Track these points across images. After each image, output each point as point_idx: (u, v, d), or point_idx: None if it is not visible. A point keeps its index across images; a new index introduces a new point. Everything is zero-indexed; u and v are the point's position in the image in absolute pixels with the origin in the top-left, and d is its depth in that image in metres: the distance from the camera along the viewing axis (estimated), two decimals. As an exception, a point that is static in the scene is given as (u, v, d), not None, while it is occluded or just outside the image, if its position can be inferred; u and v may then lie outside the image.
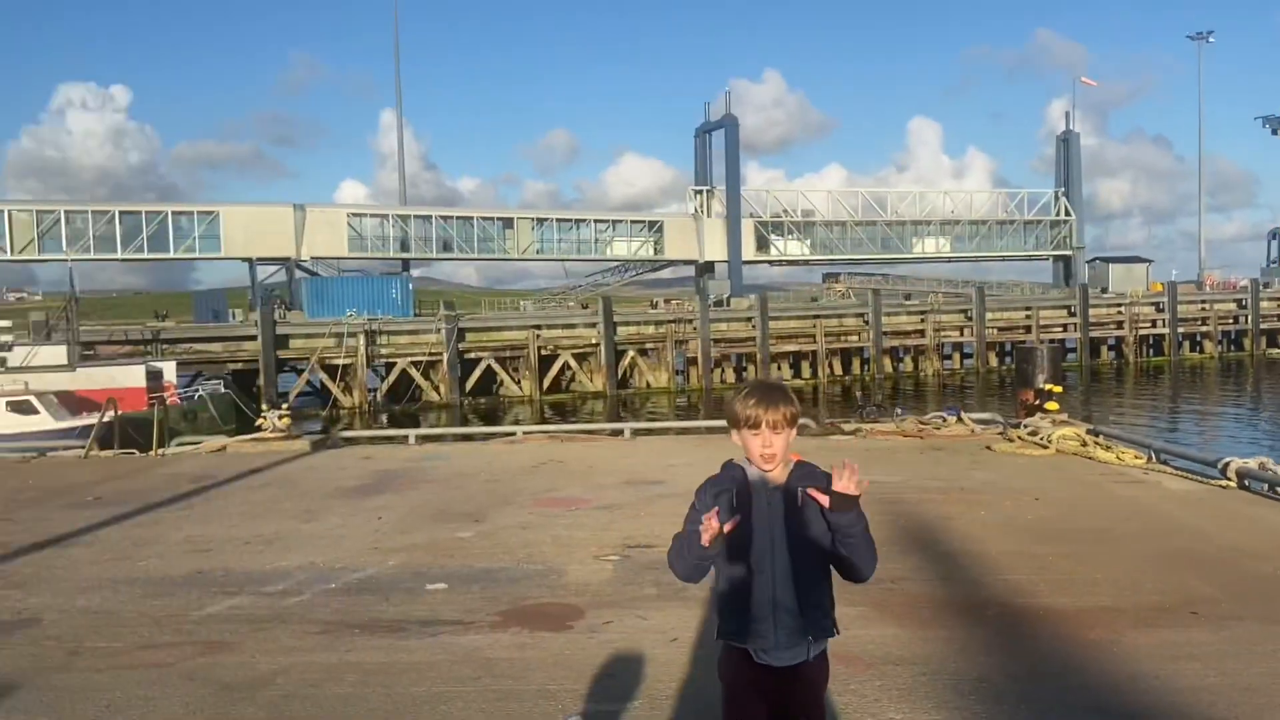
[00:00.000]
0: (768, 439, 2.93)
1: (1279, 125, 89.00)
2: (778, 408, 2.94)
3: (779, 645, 2.95)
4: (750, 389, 3.05)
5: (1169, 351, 61.77)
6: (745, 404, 2.96)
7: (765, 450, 2.94)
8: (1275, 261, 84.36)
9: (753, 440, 2.96)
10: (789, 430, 2.96)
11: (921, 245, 76.43)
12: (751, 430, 2.95)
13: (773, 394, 2.99)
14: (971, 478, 10.46)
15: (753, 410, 2.94)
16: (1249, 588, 6.25)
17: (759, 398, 2.96)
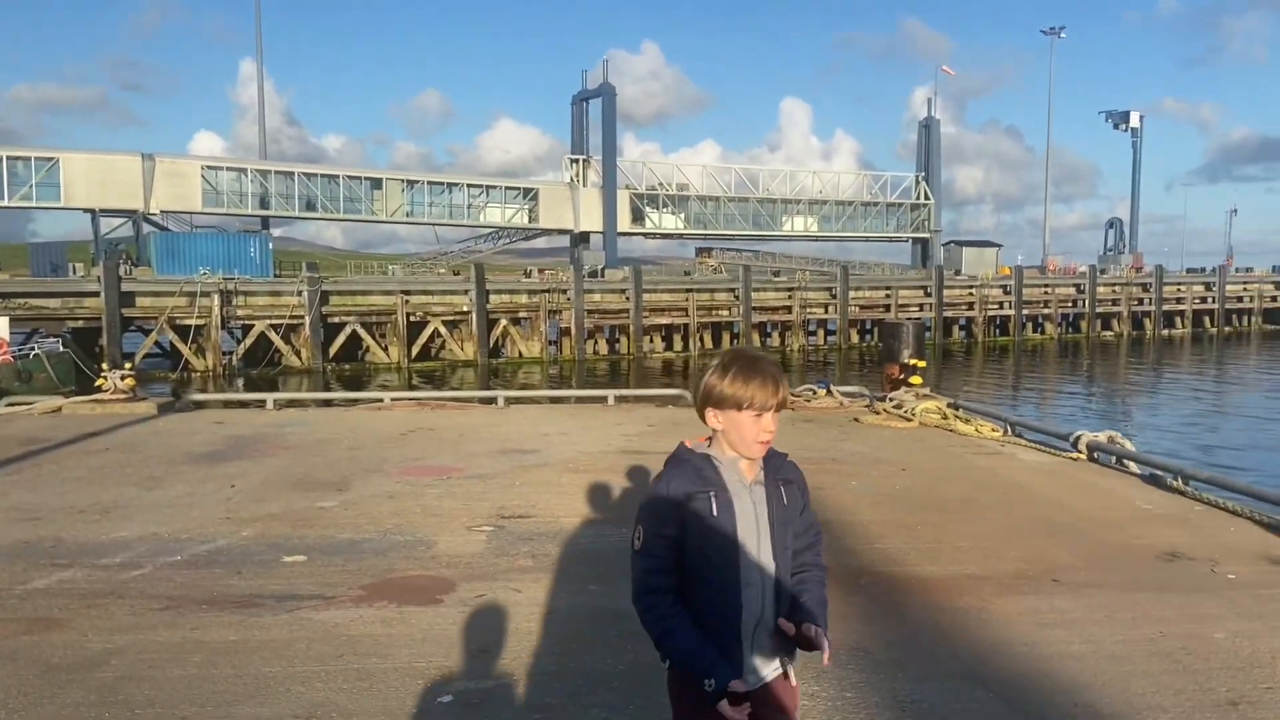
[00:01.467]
0: (769, 424, 2.53)
1: (1121, 120, 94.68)
2: (780, 385, 2.54)
3: (750, 668, 2.55)
4: (741, 364, 2.56)
5: (1014, 332, 65.01)
6: (743, 383, 2.52)
7: (768, 436, 2.54)
8: (1112, 249, 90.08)
9: (749, 425, 2.52)
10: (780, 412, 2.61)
11: (790, 224, 78.17)
12: (751, 413, 2.52)
13: (771, 370, 2.56)
14: (842, 449, 10.62)
15: (753, 391, 2.50)
16: (1105, 556, 6.49)
17: (762, 376, 2.53)
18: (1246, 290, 75.37)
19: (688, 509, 2.51)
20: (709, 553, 2.50)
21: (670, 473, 2.60)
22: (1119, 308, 69.26)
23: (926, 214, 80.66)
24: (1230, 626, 5.14)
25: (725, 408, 2.55)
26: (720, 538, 2.50)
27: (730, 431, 2.56)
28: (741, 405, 2.52)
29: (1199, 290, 73.56)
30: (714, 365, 2.61)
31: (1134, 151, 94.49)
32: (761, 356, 2.65)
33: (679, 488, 2.54)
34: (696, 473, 2.56)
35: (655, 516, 2.54)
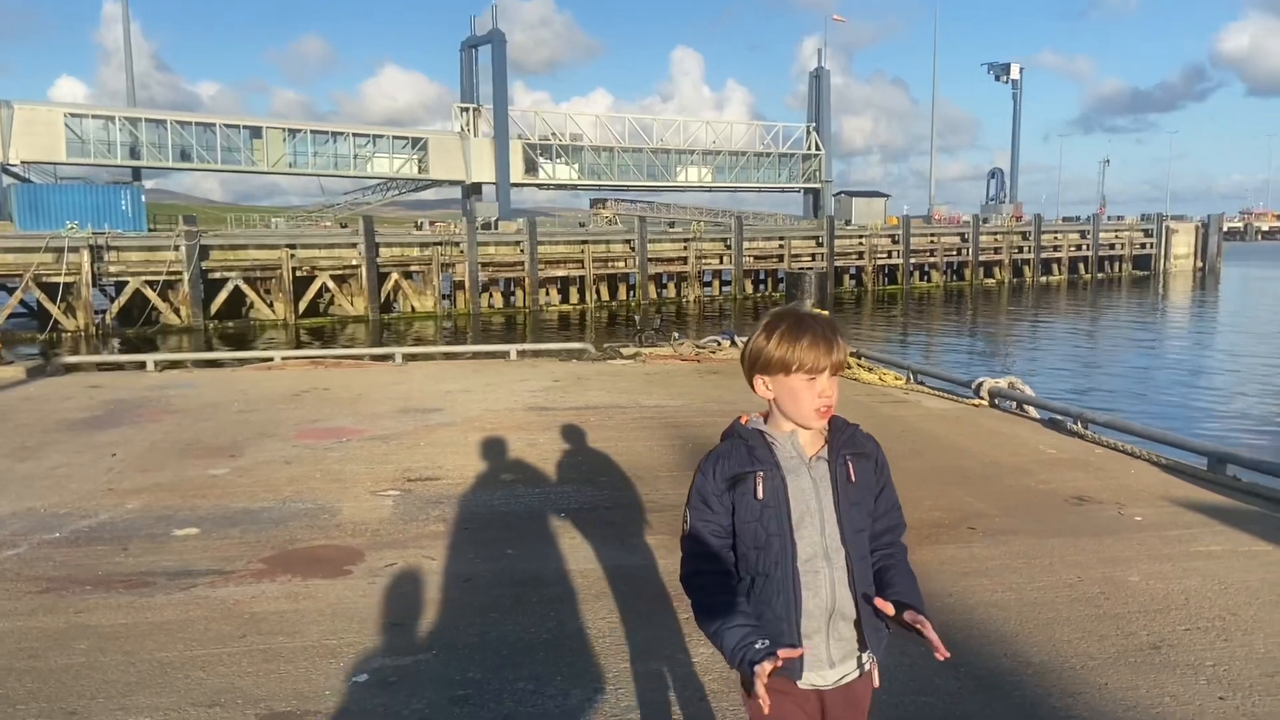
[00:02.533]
0: (826, 388, 2.24)
1: (1002, 71, 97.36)
2: (834, 344, 2.23)
3: (830, 662, 2.28)
4: (789, 323, 2.27)
5: (902, 280, 66.68)
6: (791, 343, 2.22)
7: (825, 402, 2.23)
8: (993, 199, 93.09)
9: (806, 390, 2.22)
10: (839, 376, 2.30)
11: (684, 174, 78.16)
12: (806, 376, 2.22)
13: (823, 327, 2.26)
14: (750, 400, 10.57)
15: (804, 351, 2.21)
16: (1015, 501, 6.59)
17: (812, 334, 2.23)
18: (1118, 238, 78.93)
19: (736, 493, 2.26)
20: (762, 540, 2.24)
21: (718, 452, 2.33)
22: (1000, 256, 71.65)
23: (817, 164, 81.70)
24: (1143, 569, 5.25)
25: (774, 372, 2.26)
26: (771, 522, 2.23)
27: (783, 400, 2.27)
28: (791, 368, 2.23)
29: (1074, 238, 76.63)
30: (759, 327, 2.34)
31: (1014, 103, 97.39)
32: (811, 314, 2.33)
33: (726, 469, 2.28)
34: (748, 451, 2.27)
35: (701, 503, 2.30)
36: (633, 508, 6.48)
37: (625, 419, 9.56)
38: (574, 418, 9.60)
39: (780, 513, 2.22)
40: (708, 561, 2.28)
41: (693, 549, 2.31)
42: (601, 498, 6.72)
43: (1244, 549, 5.62)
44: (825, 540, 2.24)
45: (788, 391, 2.25)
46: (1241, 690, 3.85)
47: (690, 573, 2.30)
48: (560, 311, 52.71)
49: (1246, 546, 5.67)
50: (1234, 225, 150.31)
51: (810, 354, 2.21)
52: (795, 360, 2.22)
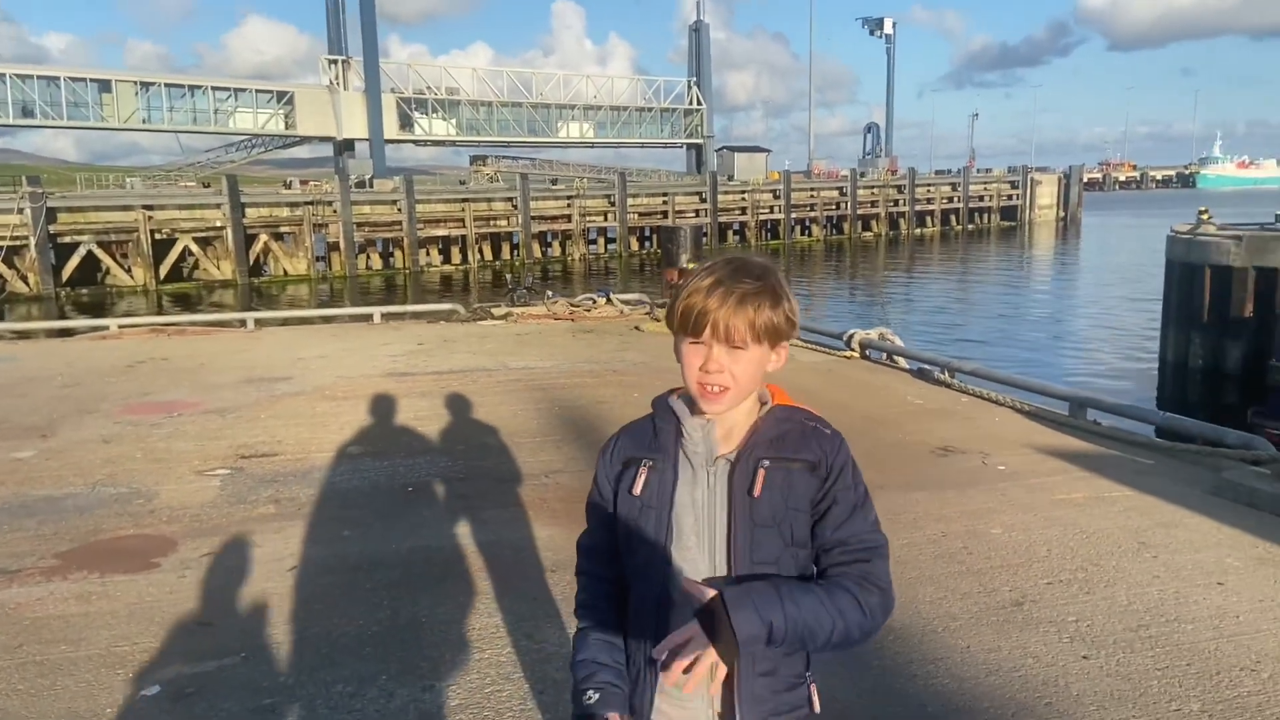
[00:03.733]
0: (716, 358, 1.63)
1: (876, 26, 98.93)
2: (746, 301, 1.62)
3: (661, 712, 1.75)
4: (708, 265, 1.71)
5: (784, 235, 67.43)
6: (689, 289, 1.67)
7: (707, 377, 1.64)
8: (870, 153, 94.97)
9: (691, 356, 1.66)
10: (762, 349, 1.65)
11: (566, 130, 76.90)
12: (691, 338, 1.65)
13: (741, 275, 1.65)
14: (624, 359, 10.25)
15: (698, 300, 1.64)
16: (884, 454, 6.43)
17: (716, 278, 1.65)
18: (987, 190, 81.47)
19: (621, 479, 1.78)
20: (631, 547, 1.76)
21: (628, 426, 1.86)
22: (877, 209, 73.12)
23: (699, 120, 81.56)
24: (1005, 520, 5.12)
25: (671, 329, 1.71)
26: (648, 528, 1.73)
27: (682, 367, 1.70)
28: (674, 321, 1.69)
29: (946, 191, 78.75)
30: None
31: (888, 58, 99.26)
32: (751, 262, 1.70)
33: (621, 450, 1.81)
34: (653, 433, 1.77)
35: (595, 484, 1.86)
36: (488, 478, 6.06)
37: (490, 382, 9.09)
38: (435, 383, 9.08)
39: (660, 519, 1.71)
40: (589, 558, 1.88)
41: (581, 541, 1.91)
42: (455, 468, 6.27)
43: (1104, 495, 5.57)
44: (713, 569, 1.68)
45: (679, 356, 1.70)
46: (1105, 647, 3.70)
47: (576, 569, 1.92)
48: (442, 272, 51.39)
49: (1107, 492, 5.62)
50: (1094, 176, 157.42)
51: (698, 302, 1.64)
52: (677, 310, 1.68)
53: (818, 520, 1.67)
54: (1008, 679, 3.49)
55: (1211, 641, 3.72)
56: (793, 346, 8.37)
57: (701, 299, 1.64)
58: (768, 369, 1.70)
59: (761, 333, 1.64)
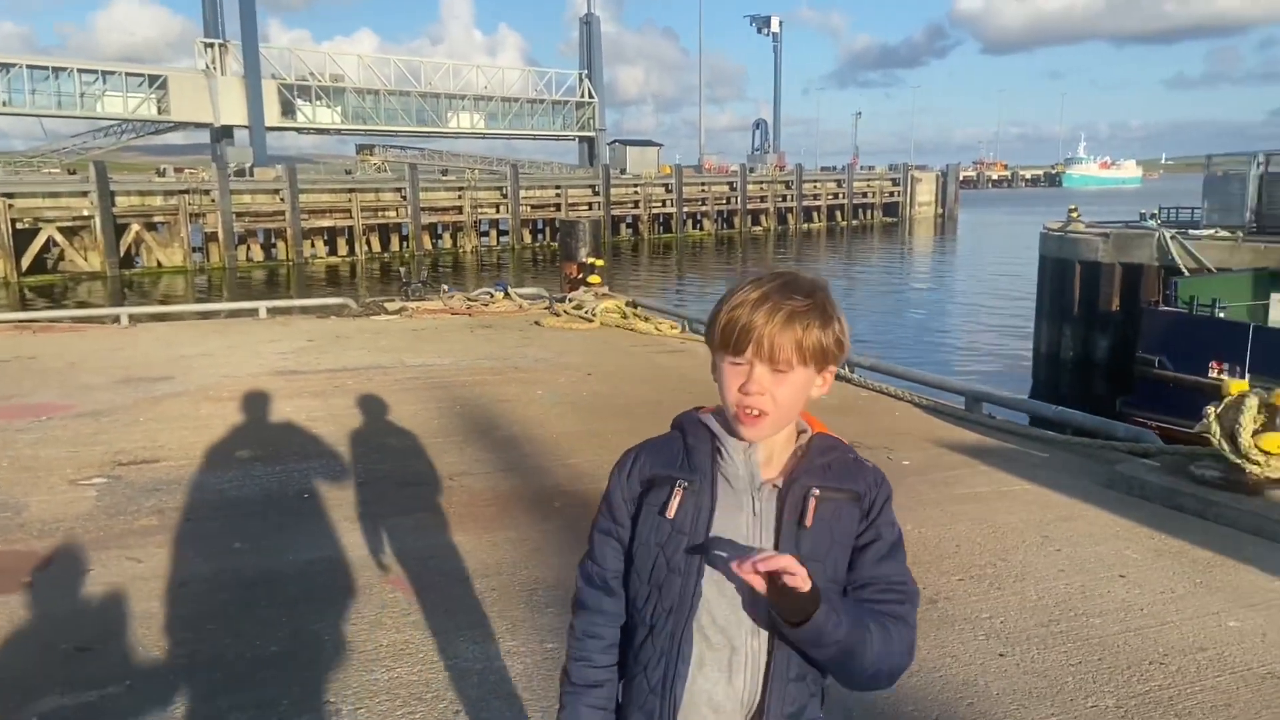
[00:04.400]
0: (759, 379, 1.51)
1: (763, 24, 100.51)
2: (794, 320, 1.50)
3: None
4: (755, 278, 1.57)
5: (676, 229, 67.89)
6: (732, 303, 1.53)
7: (748, 400, 1.51)
8: (758, 149, 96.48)
9: (730, 376, 1.53)
10: (808, 371, 1.53)
11: (457, 120, 75.62)
12: (732, 356, 1.53)
13: (790, 290, 1.52)
14: (525, 355, 10.05)
15: (743, 314, 1.51)
16: (792, 451, 6.44)
17: (763, 292, 1.52)
18: (870, 187, 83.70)
19: (645, 501, 1.61)
20: (661, 577, 1.58)
21: (648, 442, 1.69)
22: (766, 204, 74.26)
23: (591, 113, 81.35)
24: (915, 516, 5.17)
25: (710, 346, 1.59)
26: (678, 555, 1.56)
27: (720, 386, 1.57)
28: (715, 337, 1.56)
29: (832, 187, 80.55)
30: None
31: (775, 56, 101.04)
32: (799, 279, 1.55)
33: (645, 467, 1.64)
34: (685, 451, 1.61)
35: (606, 505, 1.68)
36: (389, 482, 5.81)
37: (387, 381, 8.78)
38: (328, 382, 8.72)
39: (688, 545, 1.56)
40: (595, 594, 1.67)
41: (584, 574, 1.70)
42: (354, 473, 6.00)
43: (1006, 489, 5.70)
44: (741, 605, 1.54)
45: (718, 376, 1.57)
46: (1020, 644, 3.75)
47: (575, 605, 1.71)
48: (328, 264, 49.87)
49: (1008, 486, 5.75)
50: (969, 175, 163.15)
51: (740, 317, 1.51)
52: (718, 324, 1.55)
53: (855, 554, 1.58)
54: (929, 680, 3.49)
55: (1120, 635, 3.81)
56: (694, 342, 8.32)
57: (746, 314, 1.51)
58: (812, 395, 1.57)
59: (809, 354, 1.52)
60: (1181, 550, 4.66)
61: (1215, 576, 4.37)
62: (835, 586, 1.55)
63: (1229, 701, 3.30)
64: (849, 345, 1.59)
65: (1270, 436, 4.91)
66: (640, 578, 1.61)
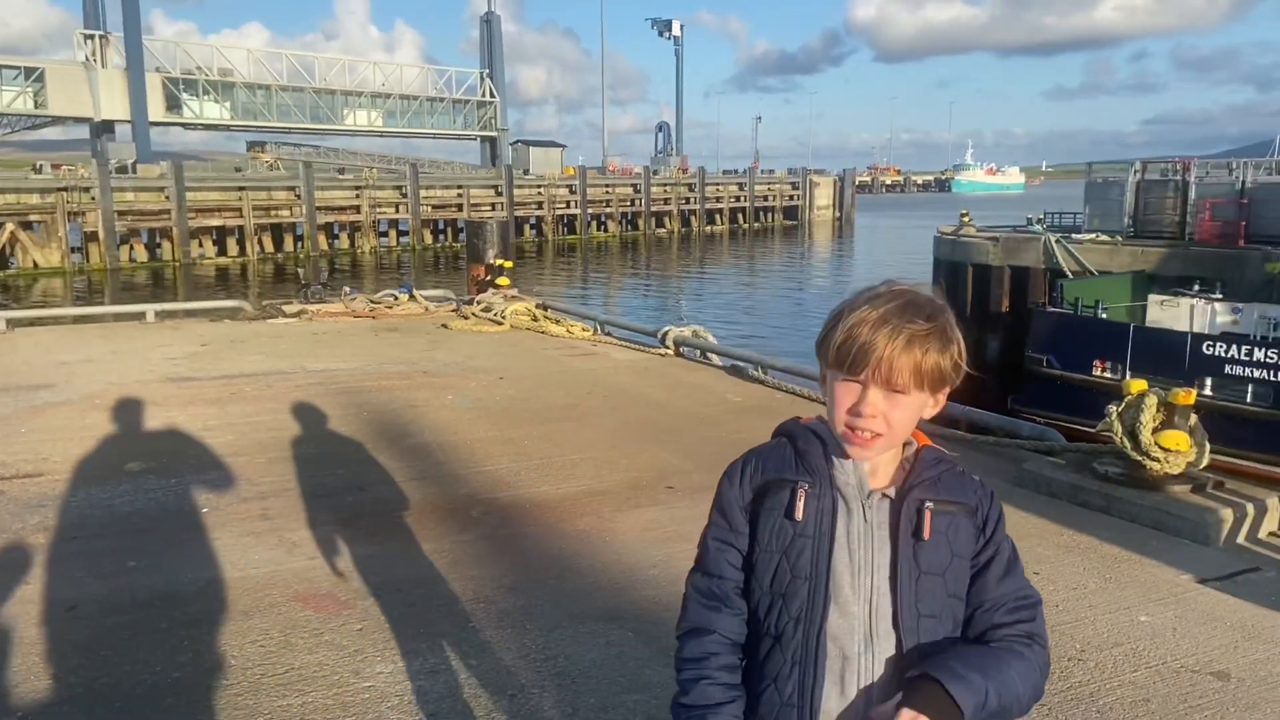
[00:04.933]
0: (873, 401, 1.48)
1: (665, 28, 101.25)
2: (915, 343, 1.46)
3: None
4: (874, 294, 1.52)
5: (580, 230, 67.78)
6: (841, 321, 1.50)
7: (860, 422, 1.49)
8: (661, 151, 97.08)
9: (843, 395, 1.51)
10: (923, 395, 1.51)
11: (353, 117, 73.90)
12: (847, 375, 1.50)
13: (912, 312, 1.48)
14: (433, 359, 9.81)
15: (861, 333, 1.47)
16: (709, 454, 6.41)
17: (884, 313, 1.47)
18: (771, 190, 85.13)
19: (762, 507, 1.57)
20: (784, 583, 1.54)
21: (755, 450, 1.64)
22: (670, 207, 74.76)
23: (493, 112, 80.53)
24: (835, 517, 5.20)
25: (824, 362, 1.55)
26: (804, 559, 1.53)
27: (829, 404, 1.55)
28: (829, 355, 1.52)
29: (734, 190, 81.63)
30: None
31: (676, 59, 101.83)
32: (915, 294, 1.52)
33: (758, 472, 1.60)
34: (796, 455, 1.58)
35: (720, 514, 1.63)
36: (294, 494, 5.57)
37: (288, 387, 8.45)
38: (224, 388, 8.34)
39: (821, 548, 1.52)
40: (715, 609, 1.59)
41: (698, 588, 1.63)
42: (256, 484, 5.73)
43: (920, 488, 5.77)
44: (870, 614, 1.52)
45: (827, 392, 1.56)
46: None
47: (686, 627, 1.61)
48: (218, 265, 48.14)
49: (922, 485, 5.83)
50: (864, 179, 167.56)
51: (859, 337, 1.47)
52: (832, 343, 1.51)
53: (978, 572, 1.56)
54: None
55: (1039, 631, 3.88)
56: (606, 344, 8.27)
57: (867, 333, 1.46)
58: (924, 415, 1.54)
59: (926, 378, 1.49)
60: (1090, 546, 4.79)
61: (1123, 571, 4.50)
62: (956, 601, 1.54)
63: (1147, 696, 3.38)
64: (964, 368, 1.55)
65: (1169, 434, 5.10)
66: (761, 586, 1.56)
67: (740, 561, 1.61)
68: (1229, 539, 4.84)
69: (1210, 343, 15.08)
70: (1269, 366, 14.16)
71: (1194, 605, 4.13)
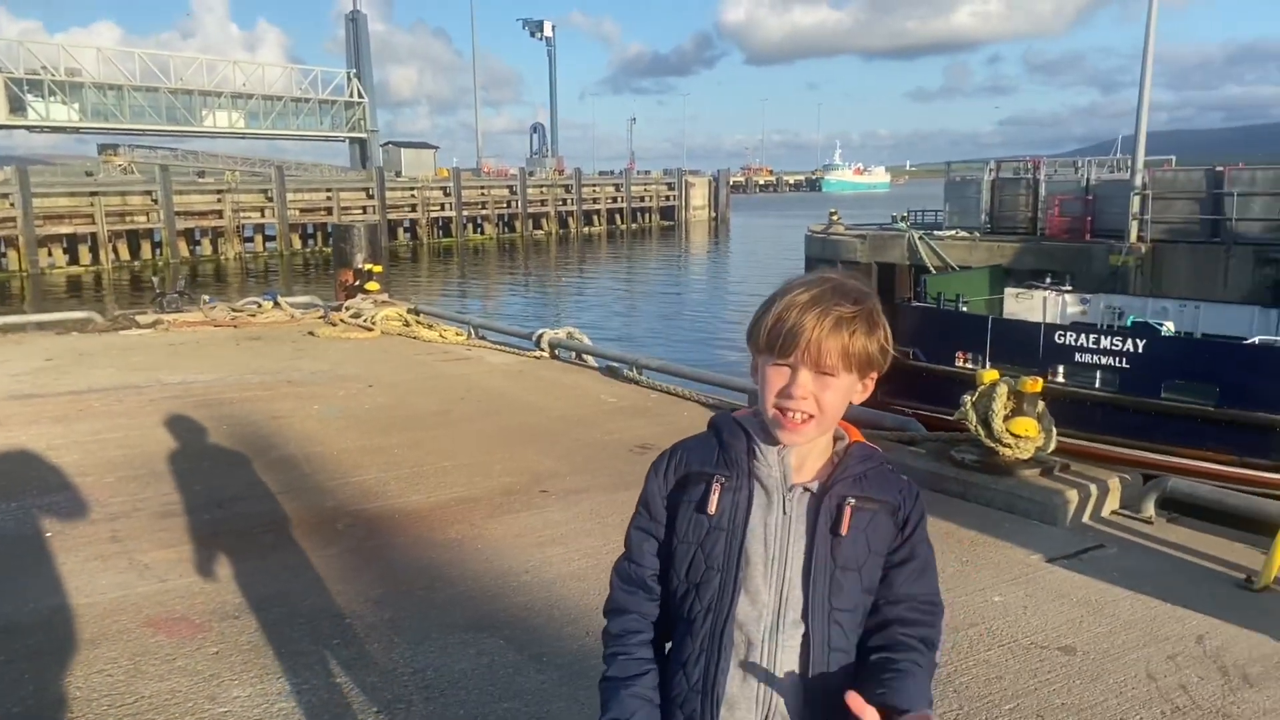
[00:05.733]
0: (803, 383, 1.50)
1: (536, 28, 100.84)
2: (842, 325, 1.50)
3: None
4: (803, 281, 1.56)
5: (456, 233, 66.84)
6: (780, 305, 1.53)
7: (790, 404, 1.51)
8: (537, 153, 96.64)
9: (773, 379, 1.53)
10: (851, 378, 1.54)
11: (213, 119, 70.88)
12: (777, 360, 1.52)
13: (839, 296, 1.52)
14: (299, 368, 9.49)
15: (790, 316, 1.51)
16: (586, 457, 6.41)
17: (813, 296, 1.51)
18: (647, 191, 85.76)
19: (682, 499, 1.62)
20: (699, 574, 1.59)
21: (680, 443, 1.70)
22: (547, 208, 74.46)
23: (361, 113, 78.49)
24: (708, 514, 5.26)
25: (753, 348, 1.58)
26: (718, 550, 1.57)
27: (760, 390, 1.57)
28: (759, 340, 1.55)
29: (610, 192, 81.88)
30: None
31: (549, 60, 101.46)
32: (842, 280, 1.56)
33: (682, 462, 1.65)
34: (719, 449, 1.61)
35: (643, 506, 1.69)
36: (147, 513, 5.29)
37: (141, 401, 8.03)
38: (72, 405, 7.87)
39: (733, 541, 1.56)
40: (634, 593, 1.68)
41: (621, 574, 1.71)
42: (106, 505, 5.42)
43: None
44: (780, 605, 1.56)
45: (759, 379, 1.58)
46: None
47: (609, 607, 1.71)
48: (69, 274, 45.43)
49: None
50: (738, 180, 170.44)
51: (788, 320, 1.50)
52: (763, 328, 1.54)
53: (892, 568, 1.61)
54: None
55: (901, 616, 4.00)
56: (480, 348, 8.17)
57: (795, 316, 1.50)
58: (854, 401, 1.59)
59: (855, 361, 1.53)
60: (949, 531, 4.98)
61: (979, 554, 4.70)
62: (869, 597, 1.60)
63: (1000, 674, 3.54)
64: (891, 353, 1.61)
65: (1019, 420, 5.35)
66: (678, 575, 1.62)
67: (657, 549, 1.67)
68: (1075, 519, 5.12)
69: (1061, 332, 15.90)
70: (1114, 353, 15.03)
71: (1043, 584, 4.35)
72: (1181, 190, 21.70)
